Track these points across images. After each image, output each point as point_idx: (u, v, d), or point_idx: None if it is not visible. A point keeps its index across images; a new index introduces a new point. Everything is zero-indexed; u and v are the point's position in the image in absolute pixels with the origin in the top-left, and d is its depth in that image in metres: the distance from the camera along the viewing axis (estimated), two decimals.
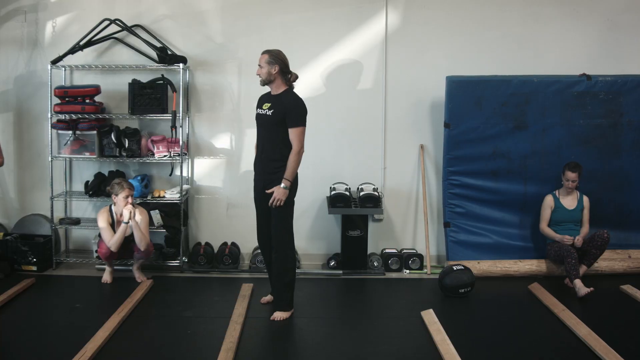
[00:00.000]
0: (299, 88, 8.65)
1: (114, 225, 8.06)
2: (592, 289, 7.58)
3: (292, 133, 6.71)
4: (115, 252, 7.96)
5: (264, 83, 6.92)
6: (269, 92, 6.97)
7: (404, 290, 8.22)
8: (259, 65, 6.88)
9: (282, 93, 6.86)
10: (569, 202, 8.43)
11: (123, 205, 7.91)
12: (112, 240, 7.91)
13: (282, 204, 6.75)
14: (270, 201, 6.79)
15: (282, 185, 6.72)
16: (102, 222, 8.01)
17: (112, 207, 8.11)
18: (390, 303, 7.71)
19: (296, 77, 6.96)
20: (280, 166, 6.76)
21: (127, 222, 7.88)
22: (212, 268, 8.74)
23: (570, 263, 7.97)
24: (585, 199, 8.47)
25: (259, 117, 6.94)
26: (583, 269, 8.19)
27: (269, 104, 6.84)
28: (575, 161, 8.37)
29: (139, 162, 8.96)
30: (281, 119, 6.73)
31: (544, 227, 8.46)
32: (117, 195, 7.93)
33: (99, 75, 8.98)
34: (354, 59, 8.96)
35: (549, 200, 8.47)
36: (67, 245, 9.36)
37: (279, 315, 6.89)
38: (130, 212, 7.89)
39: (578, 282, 7.80)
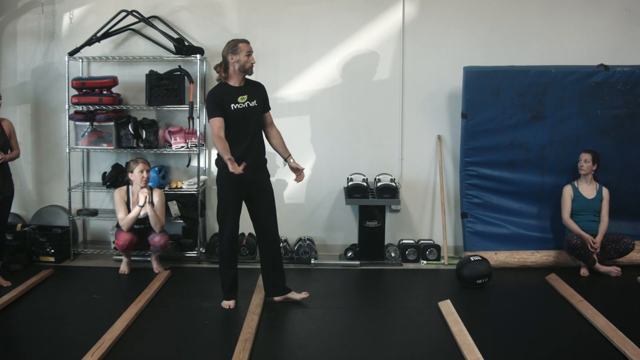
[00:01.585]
0: (317, 79, 8.69)
1: (129, 204, 8.10)
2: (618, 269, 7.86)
3: (270, 115, 7.10)
4: (131, 241, 7.99)
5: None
6: (231, 86, 6.72)
7: (421, 281, 8.21)
8: (252, 53, 6.77)
9: (249, 81, 6.87)
10: (588, 191, 8.40)
11: (140, 179, 7.94)
12: (124, 220, 7.97)
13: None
14: (301, 178, 7.05)
15: (292, 159, 7.03)
16: (118, 197, 8.07)
17: (129, 187, 8.15)
18: (407, 294, 7.70)
19: None
20: (265, 153, 6.96)
21: (142, 206, 7.90)
22: None
23: (589, 252, 8.02)
24: (605, 190, 8.42)
25: (240, 112, 6.66)
26: (602, 266, 8.19)
27: (244, 96, 6.70)
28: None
29: (156, 153, 8.97)
30: (262, 106, 6.87)
31: (567, 218, 8.41)
32: (132, 171, 7.96)
33: (116, 67, 9.00)
34: (370, 50, 8.94)
35: (568, 190, 8.43)
36: (84, 237, 9.40)
37: (298, 295, 7.08)
38: (146, 197, 7.91)
39: (600, 266, 7.99)
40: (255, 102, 6.75)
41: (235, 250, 7.07)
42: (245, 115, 6.69)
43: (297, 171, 7.04)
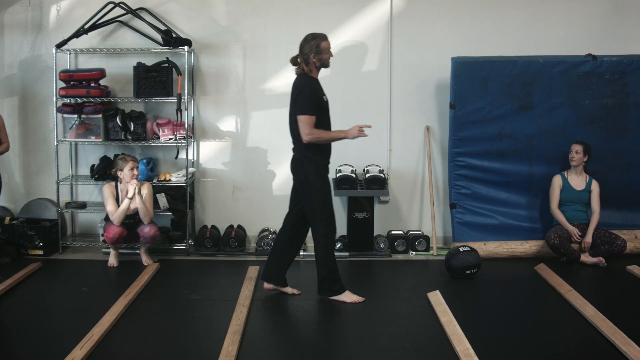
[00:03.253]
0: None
1: (118, 200, 8.07)
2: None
3: None
4: (121, 234, 7.98)
5: None
6: (316, 79, 6.83)
7: (410, 271, 8.23)
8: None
9: None
10: (577, 182, 8.43)
11: (130, 177, 7.93)
12: (115, 214, 7.94)
13: None
14: None
15: None
16: (107, 192, 8.04)
17: (118, 184, 8.12)
18: (396, 285, 7.71)
19: None
20: None
21: (131, 198, 7.89)
22: (218, 251, 8.76)
23: (570, 248, 8.07)
24: (595, 183, 8.45)
25: (327, 104, 6.86)
26: (586, 256, 8.24)
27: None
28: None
29: (144, 146, 8.95)
30: None
31: (554, 208, 8.45)
32: (122, 170, 7.95)
33: (104, 59, 8.98)
34: (359, 41, 8.94)
35: (557, 180, 8.46)
36: (73, 229, 9.39)
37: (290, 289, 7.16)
38: (135, 189, 7.91)
39: (586, 259, 8.10)
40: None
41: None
42: (327, 109, 6.87)
43: None
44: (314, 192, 6.70)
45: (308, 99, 6.57)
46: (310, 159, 6.69)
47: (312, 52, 6.65)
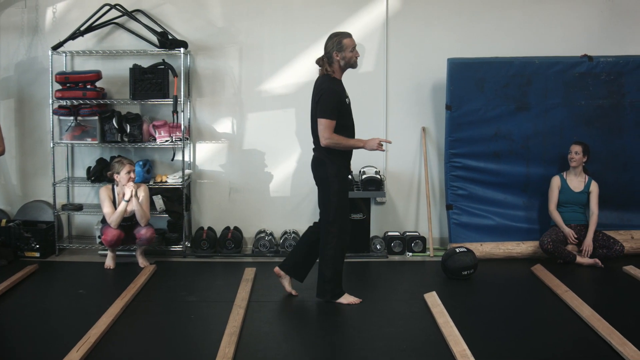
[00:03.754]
0: (301, 72, 8.67)
1: (115, 202, 8.07)
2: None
3: None
4: (119, 236, 7.97)
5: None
6: (340, 80, 6.77)
7: (407, 273, 8.23)
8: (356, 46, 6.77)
9: None
10: (576, 184, 8.44)
11: (126, 180, 7.92)
12: (112, 217, 7.93)
13: None
14: None
15: None
16: (103, 194, 8.04)
17: (115, 186, 8.12)
18: (393, 286, 7.72)
19: None
20: None
21: (128, 200, 7.89)
22: (214, 253, 8.76)
23: (565, 251, 8.13)
24: (594, 184, 8.46)
25: (350, 106, 6.80)
26: (582, 257, 8.26)
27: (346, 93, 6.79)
28: None
29: (140, 148, 8.96)
30: None
31: (552, 209, 8.47)
32: (118, 173, 7.94)
33: (100, 61, 8.98)
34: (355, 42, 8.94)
35: (556, 181, 8.47)
36: (69, 232, 9.38)
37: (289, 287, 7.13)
38: (132, 191, 7.90)
39: (581, 260, 8.13)
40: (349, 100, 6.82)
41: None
42: (350, 113, 6.79)
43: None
44: (333, 194, 6.68)
45: (330, 103, 6.51)
46: (332, 160, 6.66)
47: (334, 50, 6.57)
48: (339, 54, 6.57)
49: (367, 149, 6.58)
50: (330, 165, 6.65)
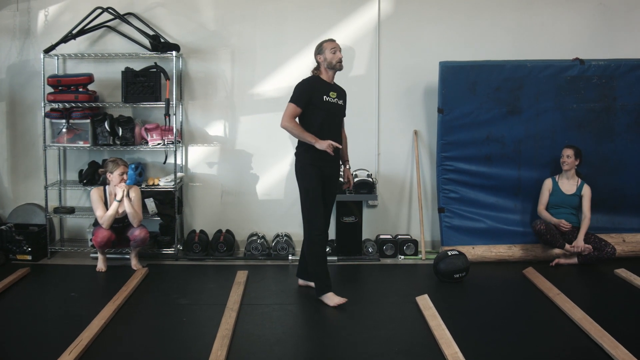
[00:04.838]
0: (293, 75, 8.68)
1: (107, 204, 8.06)
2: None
3: (344, 121, 7.27)
4: (109, 238, 7.96)
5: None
6: (325, 81, 6.97)
7: (399, 275, 8.23)
8: (340, 49, 6.97)
9: (337, 85, 7.10)
10: (568, 187, 8.46)
11: (118, 181, 7.92)
12: (104, 217, 7.93)
13: None
14: (349, 185, 7.36)
15: (349, 166, 7.38)
16: (95, 196, 8.03)
17: (106, 187, 8.11)
18: (385, 289, 7.71)
19: None
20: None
21: (120, 200, 7.88)
22: (207, 255, 8.74)
23: (557, 235, 8.17)
24: (586, 187, 8.48)
25: (330, 105, 6.89)
26: (574, 260, 8.29)
27: (335, 93, 6.94)
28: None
29: (132, 151, 8.95)
30: (345, 109, 7.15)
31: (541, 210, 8.52)
32: (112, 172, 7.94)
33: (92, 64, 8.97)
34: (347, 45, 8.93)
35: (547, 183, 8.51)
36: (61, 234, 9.36)
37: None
38: (123, 191, 7.90)
39: (569, 247, 8.23)
40: (342, 102, 7.02)
41: (326, 241, 7.15)
42: (334, 111, 6.96)
43: (348, 179, 7.38)
44: (300, 190, 6.98)
45: (299, 90, 6.79)
46: (297, 156, 6.94)
47: (317, 53, 6.97)
48: (320, 56, 6.90)
49: (317, 147, 6.62)
50: (297, 161, 6.95)
